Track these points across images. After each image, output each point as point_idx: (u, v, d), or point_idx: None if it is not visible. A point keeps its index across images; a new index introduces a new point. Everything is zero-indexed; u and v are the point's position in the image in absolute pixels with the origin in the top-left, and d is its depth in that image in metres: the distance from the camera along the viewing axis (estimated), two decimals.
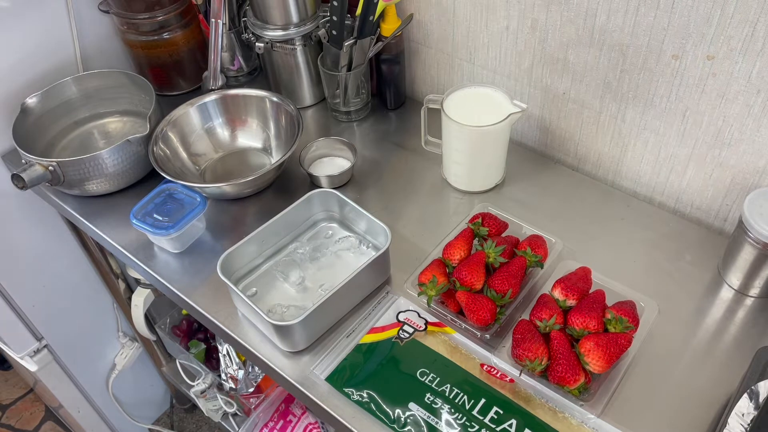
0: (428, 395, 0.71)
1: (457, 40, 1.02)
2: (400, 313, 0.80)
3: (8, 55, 1.05)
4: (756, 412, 0.63)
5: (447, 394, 0.71)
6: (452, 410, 0.69)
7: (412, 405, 0.70)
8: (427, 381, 0.72)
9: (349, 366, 0.75)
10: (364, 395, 0.72)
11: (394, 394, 0.71)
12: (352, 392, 0.72)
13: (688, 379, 0.73)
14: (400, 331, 0.77)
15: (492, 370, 0.72)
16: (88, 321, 1.40)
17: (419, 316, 0.79)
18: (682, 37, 0.78)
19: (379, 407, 0.70)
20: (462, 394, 0.71)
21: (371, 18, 0.97)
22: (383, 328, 0.78)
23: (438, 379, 0.72)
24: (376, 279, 0.84)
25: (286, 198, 0.98)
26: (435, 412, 0.69)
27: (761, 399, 0.64)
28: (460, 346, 0.76)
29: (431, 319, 0.78)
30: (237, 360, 1.27)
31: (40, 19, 1.06)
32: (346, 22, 0.99)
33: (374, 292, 0.84)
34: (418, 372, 0.73)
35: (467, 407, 0.69)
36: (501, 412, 0.69)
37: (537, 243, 0.81)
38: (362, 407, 0.71)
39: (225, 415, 1.39)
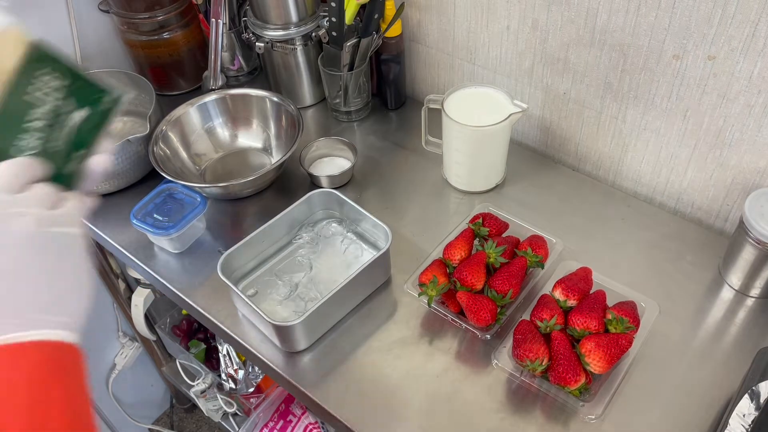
0: None
1: (457, 40, 1.01)
2: None
3: None
4: (757, 413, 0.63)
5: None
6: None
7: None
8: None
9: None
10: None
11: None
12: None
13: (689, 380, 0.73)
14: None
15: None
16: (88, 321, 1.39)
17: None
18: (683, 37, 0.78)
19: None
20: None
21: (376, 16, 0.97)
22: None
23: None
24: (377, 279, 0.84)
25: (286, 198, 0.97)
26: None
27: (762, 400, 0.64)
28: None
29: None
30: (237, 360, 1.27)
31: (40, 19, 1.06)
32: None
33: (375, 293, 0.84)
34: None
35: None
36: None
37: (538, 243, 0.81)
38: None
39: (225, 415, 1.39)
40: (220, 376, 1.32)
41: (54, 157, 0.50)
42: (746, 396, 0.65)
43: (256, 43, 1.06)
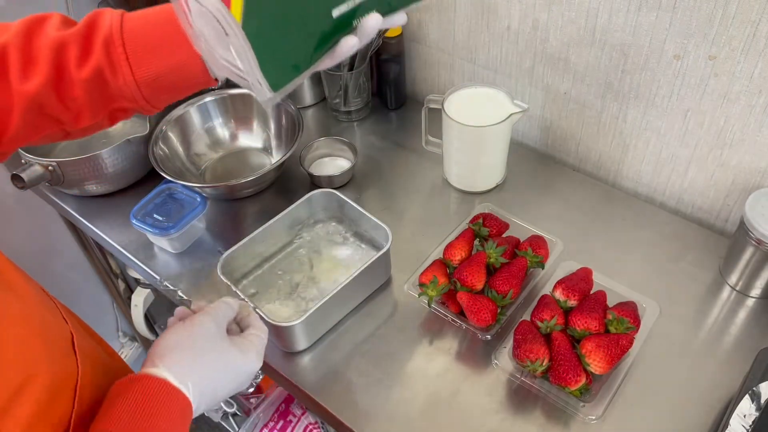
0: None
1: (457, 40, 1.01)
2: None
3: None
4: (758, 414, 0.63)
5: None
6: None
7: None
8: None
9: None
10: None
11: None
12: None
13: (690, 380, 0.73)
14: None
15: None
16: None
17: None
18: (683, 37, 0.78)
19: None
20: None
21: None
22: None
23: None
24: (377, 279, 0.84)
25: (286, 198, 0.97)
26: None
27: (763, 400, 0.64)
28: None
29: None
30: None
31: None
32: None
33: (375, 293, 0.83)
34: None
35: None
36: None
37: (538, 243, 0.81)
38: None
39: (225, 415, 1.39)
40: None
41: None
42: (747, 396, 0.65)
43: None
